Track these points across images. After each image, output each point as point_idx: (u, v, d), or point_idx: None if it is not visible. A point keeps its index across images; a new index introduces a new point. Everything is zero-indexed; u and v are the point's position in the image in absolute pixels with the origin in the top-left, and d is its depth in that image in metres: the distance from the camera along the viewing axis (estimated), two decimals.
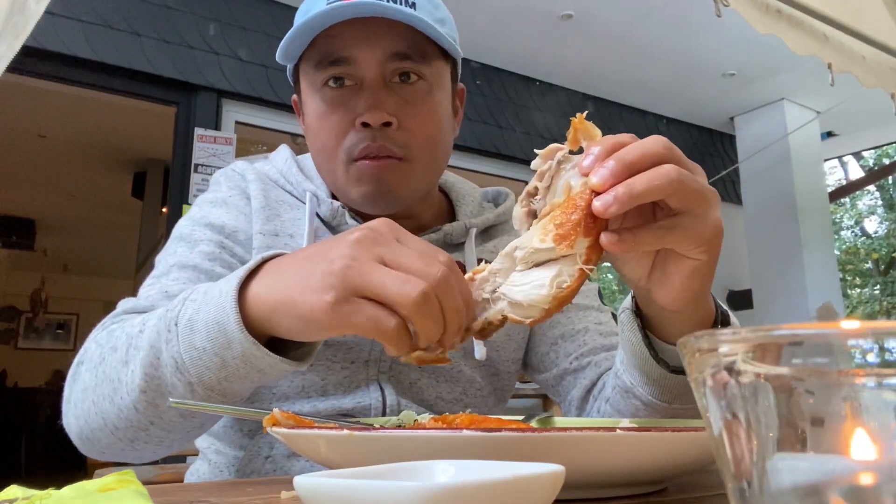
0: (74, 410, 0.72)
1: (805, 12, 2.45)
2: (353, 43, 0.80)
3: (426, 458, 0.38)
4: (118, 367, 0.67)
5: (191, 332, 0.61)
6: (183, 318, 0.62)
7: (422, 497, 0.29)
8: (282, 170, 0.94)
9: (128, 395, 0.65)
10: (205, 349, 0.60)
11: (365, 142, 0.80)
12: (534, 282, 0.54)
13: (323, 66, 0.82)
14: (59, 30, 2.98)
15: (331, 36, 0.80)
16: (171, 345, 0.62)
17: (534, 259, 0.55)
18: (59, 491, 0.36)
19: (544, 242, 0.53)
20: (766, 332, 0.23)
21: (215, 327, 0.60)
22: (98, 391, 0.68)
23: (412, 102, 0.83)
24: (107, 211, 6.59)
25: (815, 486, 0.23)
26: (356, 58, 0.80)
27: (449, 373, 0.89)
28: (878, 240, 12.42)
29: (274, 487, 0.55)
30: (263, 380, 0.63)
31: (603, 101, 4.75)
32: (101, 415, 0.69)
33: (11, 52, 1.45)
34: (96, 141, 5.09)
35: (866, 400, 0.22)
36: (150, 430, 0.68)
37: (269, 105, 3.55)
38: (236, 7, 3.51)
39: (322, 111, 0.83)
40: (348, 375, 0.84)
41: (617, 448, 0.43)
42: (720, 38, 3.97)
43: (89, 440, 0.72)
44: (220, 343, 0.59)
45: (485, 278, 0.57)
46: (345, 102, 0.82)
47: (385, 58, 0.81)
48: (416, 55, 0.82)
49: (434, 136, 0.85)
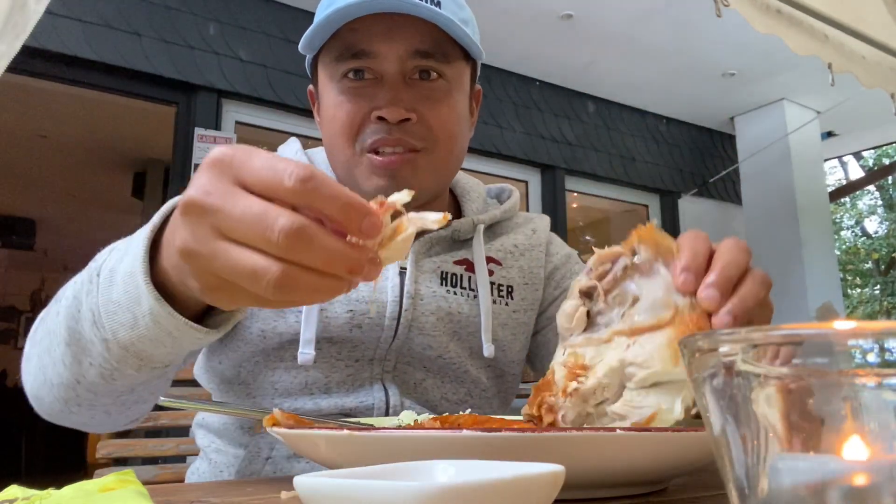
0: (27, 366, 0.70)
1: (805, 12, 2.45)
2: (377, 37, 0.80)
3: (426, 458, 0.38)
4: (54, 319, 0.64)
5: (110, 284, 0.55)
6: (105, 269, 0.57)
7: (422, 497, 0.29)
8: None
9: (57, 348, 0.62)
10: (119, 303, 0.54)
11: (380, 134, 0.80)
12: (649, 398, 0.51)
13: (344, 58, 0.82)
14: (59, 30, 2.98)
15: (354, 29, 0.80)
16: (91, 296, 0.57)
17: (653, 380, 0.51)
18: (59, 491, 0.36)
19: (678, 366, 0.51)
20: (766, 332, 0.23)
21: (129, 279, 0.53)
22: (41, 345, 0.66)
23: (430, 98, 0.83)
24: (107, 211, 6.59)
25: (815, 486, 0.23)
26: (378, 52, 0.81)
27: (455, 372, 0.88)
28: (878, 240, 12.42)
29: (274, 487, 0.55)
30: (177, 346, 0.56)
31: (603, 101, 4.75)
32: (42, 369, 0.66)
33: (11, 52, 1.45)
34: (96, 141, 5.09)
35: (866, 400, 0.22)
36: (78, 389, 0.63)
37: (269, 105, 3.55)
38: (236, 7, 3.50)
39: (339, 101, 0.83)
40: (352, 374, 0.83)
41: (617, 448, 0.43)
42: (720, 38, 3.97)
43: (36, 398, 0.70)
44: (133, 297, 0.53)
45: (590, 391, 0.53)
46: (363, 94, 0.82)
47: (407, 54, 0.81)
48: (438, 54, 0.82)
49: (453, 133, 0.85)
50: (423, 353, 0.86)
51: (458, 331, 0.88)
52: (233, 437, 0.87)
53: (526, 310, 0.95)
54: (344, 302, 0.82)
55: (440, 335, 0.86)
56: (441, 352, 0.87)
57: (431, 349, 0.86)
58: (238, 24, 3.50)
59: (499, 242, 0.96)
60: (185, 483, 0.93)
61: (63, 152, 5.31)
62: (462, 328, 0.88)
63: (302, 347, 0.80)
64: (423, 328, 0.85)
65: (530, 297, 0.96)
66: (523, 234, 0.99)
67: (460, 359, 0.88)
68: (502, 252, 0.95)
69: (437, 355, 0.87)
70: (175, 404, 0.62)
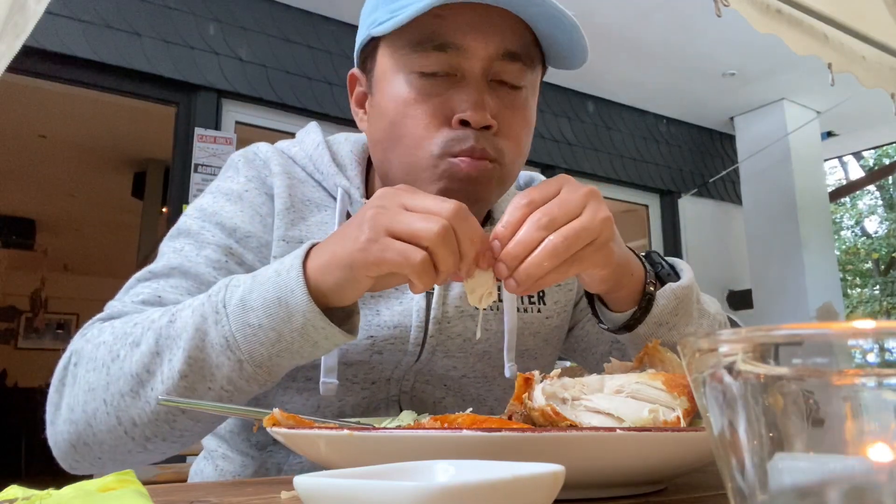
0: (69, 416, 0.67)
1: (805, 12, 2.44)
2: (465, 29, 0.72)
3: (426, 458, 0.38)
4: (145, 361, 0.65)
5: (243, 311, 0.63)
6: (232, 301, 0.64)
7: (422, 497, 0.29)
8: (311, 155, 0.86)
9: (161, 385, 0.64)
10: (260, 325, 0.63)
11: (468, 142, 0.73)
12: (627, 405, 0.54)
13: (424, 48, 0.73)
14: (59, 30, 2.98)
15: (440, 16, 0.72)
16: (221, 325, 0.64)
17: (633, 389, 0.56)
18: (59, 491, 0.36)
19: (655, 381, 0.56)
20: (766, 332, 0.23)
21: (275, 303, 0.62)
22: (113, 389, 0.65)
23: (511, 107, 0.76)
24: (107, 211, 6.59)
25: (815, 486, 0.23)
26: (467, 47, 0.73)
27: (478, 391, 0.85)
28: (878, 240, 12.42)
29: (274, 487, 0.55)
30: (314, 354, 0.66)
31: (603, 101, 4.75)
32: (115, 413, 0.65)
33: (11, 52, 1.45)
34: (96, 141, 5.09)
35: (866, 400, 0.22)
36: (178, 420, 0.66)
37: (269, 105, 3.54)
38: (236, 7, 3.50)
39: (409, 97, 0.75)
40: (367, 396, 0.80)
41: (617, 448, 0.43)
42: (720, 38, 3.97)
43: (87, 445, 0.68)
44: (280, 318, 0.62)
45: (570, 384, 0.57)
46: (440, 93, 0.74)
47: (497, 54, 0.74)
48: (526, 57, 0.76)
49: (525, 147, 0.80)
50: (447, 373, 0.83)
51: (487, 350, 0.84)
52: (238, 447, 0.85)
53: (559, 313, 0.91)
54: (364, 327, 0.78)
55: (466, 356, 0.83)
56: (465, 371, 0.84)
57: (456, 370, 0.83)
58: (238, 24, 3.50)
59: None
60: (186, 483, 0.93)
61: (63, 152, 5.31)
62: (491, 346, 0.84)
63: (324, 376, 0.76)
64: (448, 350, 0.82)
65: (563, 299, 0.92)
66: None
67: (485, 378, 0.85)
68: None
69: (460, 375, 0.84)
70: (175, 403, 0.62)
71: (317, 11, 3.67)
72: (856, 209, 12.60)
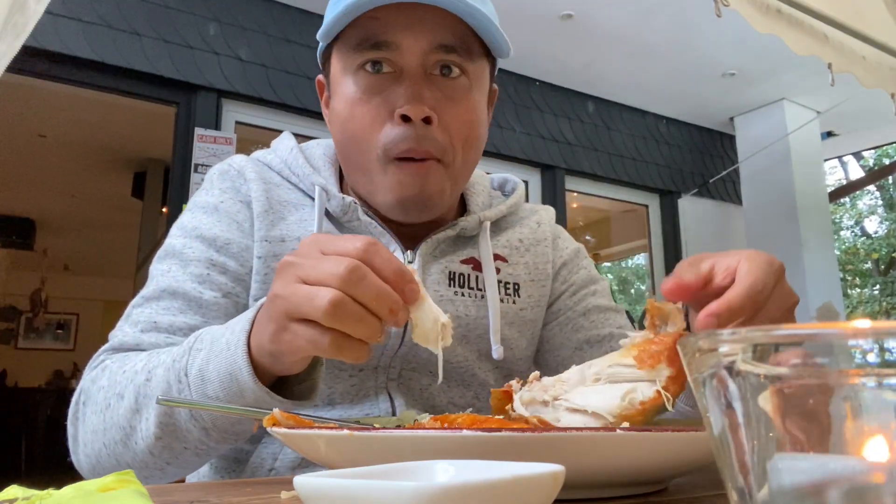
0: (85, 450, 0.73)
1: (805, 12, 2.44)
2: (399, 28, 0.76)
3: (426, 458, 0.38)
4: (128, 416, 0.69)
5: (202, 383, 0.64)
6: (192, 369, 0.65)
7: (422, 497, 0.29)
8: (286, 160, 0.89)
9: (142, 441, 0.68)
10: (217, 398, 0.64)
11: (408, 141, 0.76)
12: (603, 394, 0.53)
13: (363, 48, 0.78)
14: (59, 30, 2.98)
15: (375, 17, 0.76)
16: (184, 395, 0.65)
17: (608, 374, 0.54)
18: (59, 491, 0.36)
19: (627, 358, 0.53)
20: (766, 332, 0.23)
21: (228, 378, 0.63)
22: (108, 435, 0.71)
23: (451, 98, 0.79)
24: (107, 211, 6.59)
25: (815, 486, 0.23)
26: (400, 44, 0.77)
27: (461, 376, 0.87)
28: (878, 240, 12.41)
29: (274, 487, 0.55)
30: None
31: (603, 101, 4.75)
32: (114, 457, 0.71)
33: (11, 52, 1.45)
34: (96, 141, 5.09)
35: (866, 400, 0.22)
36: (167, 469, 0.71)
37: (269, 105, 3.54)
38: (236, 7, 3.50)
39: (356, 97, 0.79)
40: (356, 384, 0.82)
41: (617, 448, 0.43)
42: (720, 38, 3.97)
43: (106, 471, 0.73)
44: (234, 392, 0.63)
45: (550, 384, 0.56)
46: (382, 90, 0.78)
47: (430, 48, 0.77)
48: (462, 49, 0.79)
49: (471, 138, 0.82)
50: (430, 358, 0.84)
51: (466, 334, 0.86)
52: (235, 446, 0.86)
53: (533, 307, 0.94)
54: None
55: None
56: (448, 356, 0.85)
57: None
58: (238, 24, 3.50)
59: (504, 238, 0.94)
60: (185, 483, 0.93)
61: (63, 152, 5.31)
62: (470, 331, 0.86)
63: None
64: None
65: (537, 293, 0.94)
66: (528, 228, 0.97)
67: (468, 362, 0.87)
68: (507, 248, 0.93)
69: (444, 360, 0.86)
70: (173, 403, 0.62)
71: (317, 11, 3.67)
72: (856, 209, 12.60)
